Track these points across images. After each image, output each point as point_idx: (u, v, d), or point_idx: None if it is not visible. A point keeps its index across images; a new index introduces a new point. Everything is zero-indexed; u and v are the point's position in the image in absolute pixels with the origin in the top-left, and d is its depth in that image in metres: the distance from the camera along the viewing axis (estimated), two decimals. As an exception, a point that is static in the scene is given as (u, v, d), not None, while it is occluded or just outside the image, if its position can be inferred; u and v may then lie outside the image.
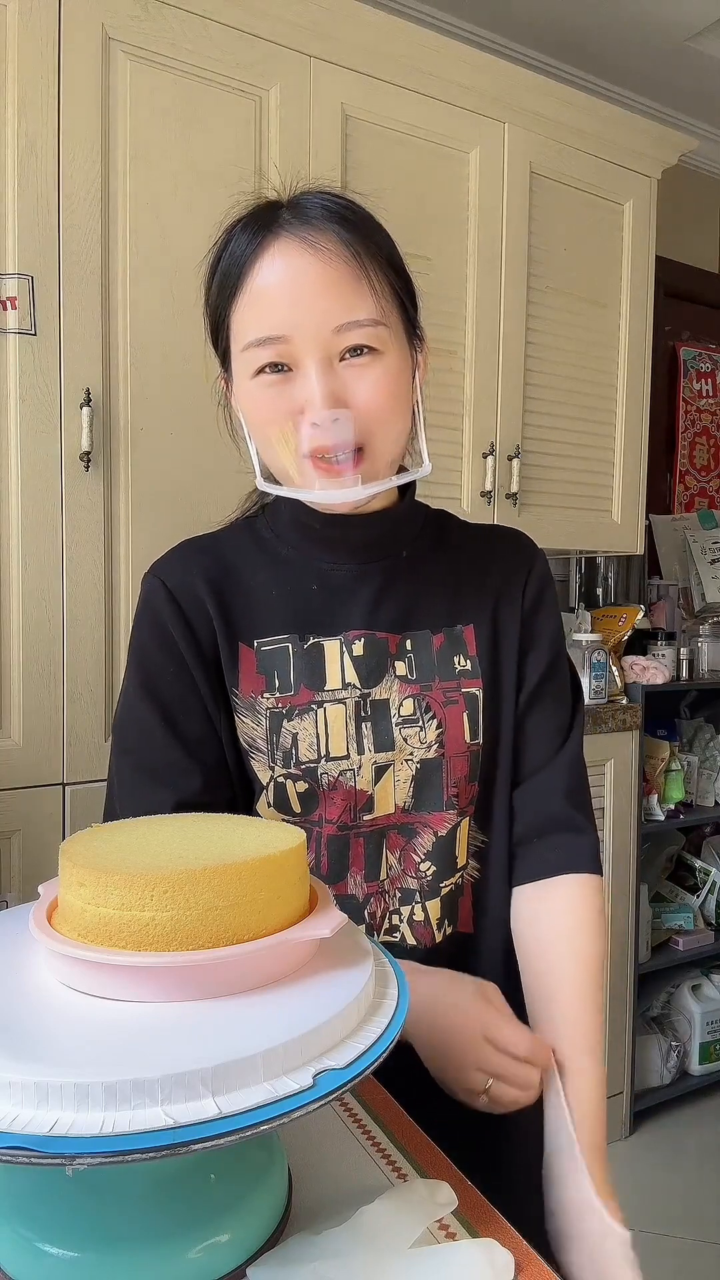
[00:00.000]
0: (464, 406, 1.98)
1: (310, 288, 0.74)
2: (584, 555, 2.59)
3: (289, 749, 0.82)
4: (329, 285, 0.74)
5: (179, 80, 1.57)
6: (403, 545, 0.87)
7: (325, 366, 0.75)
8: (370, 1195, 0.61)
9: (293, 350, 0.75)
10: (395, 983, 0.59)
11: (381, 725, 0.83)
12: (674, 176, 2.40)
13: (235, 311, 0.77)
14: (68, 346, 1.48)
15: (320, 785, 0.82)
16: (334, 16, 1.71)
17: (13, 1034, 0.49)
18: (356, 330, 0.74)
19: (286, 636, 0.83)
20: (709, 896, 2.64)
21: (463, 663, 0.85)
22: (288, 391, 0.76)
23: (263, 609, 0.84)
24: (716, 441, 3.16)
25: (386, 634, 0.84)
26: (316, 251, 0.74)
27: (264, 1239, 0.55)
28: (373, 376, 0.76)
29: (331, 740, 0.82)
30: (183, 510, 1.58)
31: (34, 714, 1.48)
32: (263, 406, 0.77)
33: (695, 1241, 2.01)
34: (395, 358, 0.77)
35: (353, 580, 0.84)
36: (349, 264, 0.74)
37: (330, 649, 0.83)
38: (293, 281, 0.74)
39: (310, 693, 0.82)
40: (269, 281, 0.75)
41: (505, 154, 1.99)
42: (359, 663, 0.83)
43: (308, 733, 0.82)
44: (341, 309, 0.74)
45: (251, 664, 0.83)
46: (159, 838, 0.61)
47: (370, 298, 0.75)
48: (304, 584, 0.85)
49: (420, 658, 0.85)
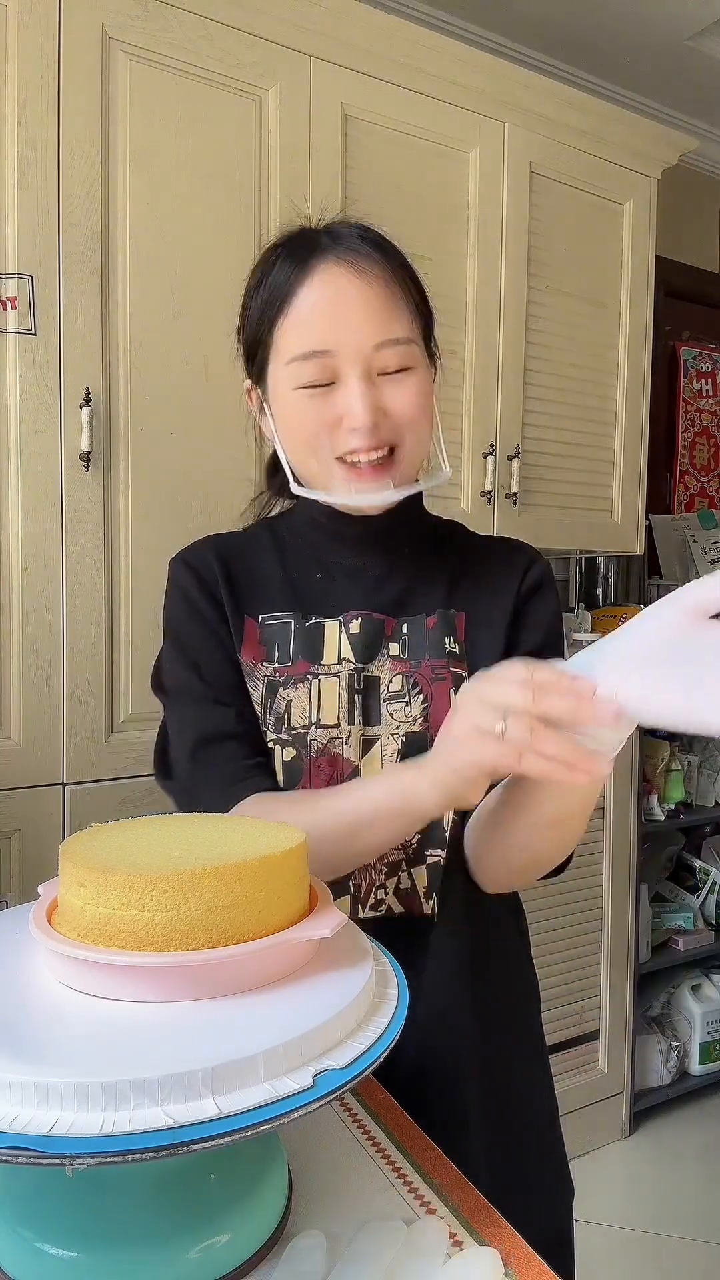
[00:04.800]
0: (464, 406, 1.98)
1: (353, 306, 0.80)
2: (584, 555, 2.59)
3: (282, 714, 0.86)
4: (370, 304, 0.81)
5: (179, 80, 1.57)
6: (404, 543, 0.91)
7: (366, 379, 0.81)
8: (371, 1195, 0.61)
9: (335, 364, 0.81)
10: (395, 983, 0.60)
11: (372, 700, 0.86)
12: (674, 176, 2.40)
13: (279, 329, 0.83)
14: (68, 346, 1.48)
15: (309, 752, 0.85)
16: (334, 16, 1.71)
17: (13, 1034, 0.49)
18: (394, 347, 0.81)
19: (289, 614, 0.89)
20: (709, 896, 2.64)
21: (452, 645, 0.88)
22: (328, 403, 0.82)
23: (268, 589, 0.90)
24: (716, 441, 3.16)
25: (384, 615, 0.89)
26: (359, 274, 0.81)
27: (264, 1239, 0.55)
28: (407, 387, 0.83)
29: (324, 708, 0.86)
30: (183, 510, 1.57)
31: (34, 714, 1.48)
32: (304, 415, 0.83)
33: (695, 1241, 2.01)
34: (423, 371, 0.85)
35: (355, 570, 0.90)
36: (387, 286, 0.82)
37: (330, 629, 0.88)
38: (337, 300, 0.81)
39: (307, 665, 0.87)
40: (314, 301, 0.81)
41: (505, 154, 1.99)
42: (355, 640, 0.87)
43: (301, 700, 0.86)
44: (381, 327, 0.81)
45: (254, 635, 0.89)
46: (159, 838, 0.61)
47: (405, 316, 0.83)
48: (309, 571, 0.91)
49: (413, 638, 0.88)
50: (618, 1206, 2.11)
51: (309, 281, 0.82)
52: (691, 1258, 1.97)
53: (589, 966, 2.25)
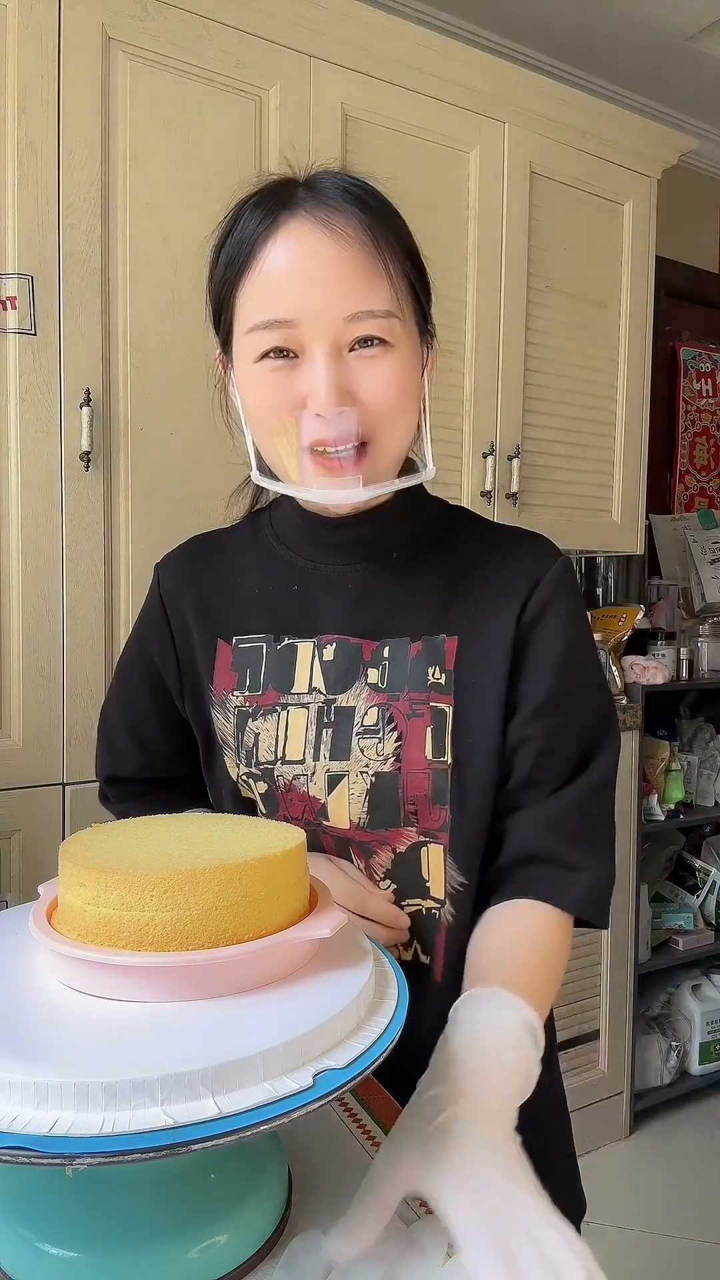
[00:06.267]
0: (464, 406, 1.97)
1: (324, 271, 0.70)
2: (584, 555, 2.59)
3: (251, 748, 0.81)
4: (344, 270, 0.70)
5: (179, 80, 1.57)
6: (393, 547, 0.81)
7: (334, 356, 0.70)
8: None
9: (300, 336, 0.70)
10: (395, 982, 0.59)
11: (342, 733, 0.79)
12: (674, 176, 2.39)
13: (241, 291, 0.73)
14: (68, 346, 1.48)
15: (278, 787, 0.81)
16: (334, 16, 1.71)
17: (13, 1034, 0.49)
18: (369, 320, 0.70)
19: (262, 636, 0.83)
20: (709, 896, 2.64)
21: (437, 675, 0.78)
22: (292, 379, 0.71)
23: (243, 607, 0.84)
24: (716, 441, 3.16)
25: (361, 640, 0.80)
26: (333, 234, 0.70)
27: (264, 1239, 0.55)
28: (382, 369, 0.72)
29: (290, 743, 0.80)
30: (183, 510, 1.57)
31: (34, 714, 1.48)
32: (264, 393, 0.73)
33: (695, 1241, 2.01)
34: (406, 351, 0.73)
35: (334, 581, 0.81)
36: (366, 250, 0.70)
37: (303, 651, 0.81)
38: (305, 263, 0.70)
39: (277, 694, 0.81)
40: (280, 262, 0.70)
41: (505, 154, 1.99)
42: (328, 668, 0.80)
43: (268, 734, 0.81)
44: (355, 297, 0.70)
45: (227, 661, 0.84)
46: (159, 838, 0.61)
47: (386, 287, 0.71)
48: (286, 583, 0.83)
49: (394, 665, 0.79)
50: (618, 1206, 2.11)
51: (275, 239, 0.71)
52: (691, 1258, 1.97)
53: (589, 966, 2.25)
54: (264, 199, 0.73)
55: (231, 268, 0.74)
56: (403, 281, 0.74)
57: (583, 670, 0.81)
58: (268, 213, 0.72)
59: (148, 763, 0.95)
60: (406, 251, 0.75)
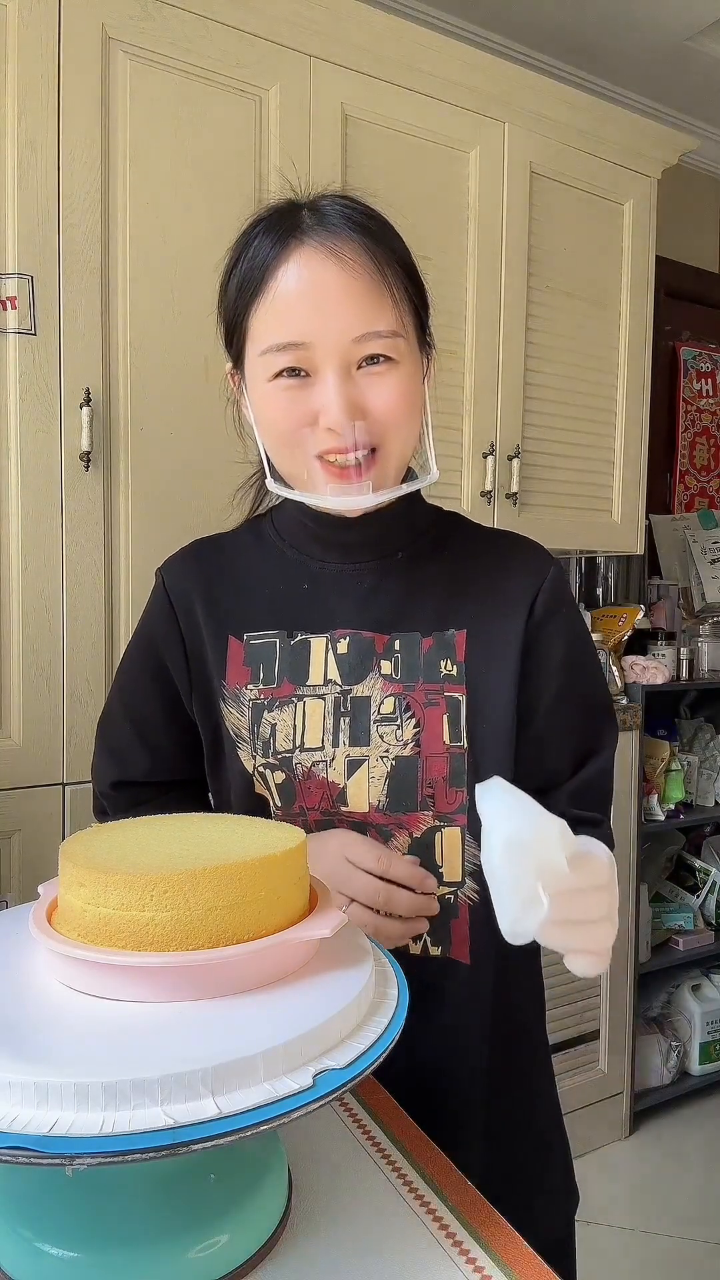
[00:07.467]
0: (464, 406, 1.97)
1: (332, 296, 0.75)
2: (584, 555, 2.59)
3: (268, 738, 0.84)
4: (351, 295, 0.75)
5: (179, 80, 1.57)
6: (398, 547, 0.87)
7: (343, 375, 0.76)
8: (371, 1195, 0.61)
9: (312, 357, 0.76)
10: (395, 982, 0.59)
11: (360, 721, 0.83)
12: (674, 176, 2.40)
13: (255, 314, 0.78)
14: (68, 346, 1.48)
15: (296, 776, 0.84)
16: (334, 16, 1.71)
17: (13, 1034, 0.49)
18: (375, 340, 0.76)
19: (275, 632, 0.86)
20: (709, 896, 2.64)
21: (449, 667, 0.84)
22: (304, 397, 0.77)
23: (254, 605, 0.87)
24: (716, 441, 3.16)
25: (373, 633, 0.85)
26: (340, 260, 0.75)
27: (264, 1239, 0.55)
28: (389, 384, 0.77)
29: (308, 732, 0.84)
30: (183, 510, 1.57)
31: (34, 714, 1.48)
32: (279, 410, 0.78)
33: (695, 1241, 2.01)
34: (410, 365, 0.79)
35: (344, 579, 0.86)
36: (371, 274, 0.76)
37: (316, 646, 0.85)
38: (315, 289, 0.75)
39: (292, 686, 0.85)
40: (291, 288, 0.76)
41: (505, 154, 1.99)
42: (342, 660, 0.84)
43: (285, 723, 0.84)
44: (362, 319, 0.75)
45: (239, 656, 0.86)
46: (159, 838, 0.61)
47: (390, 308, 0.77)
48: (297, 582, 0.87)
49: (406, 658, 0.84)
50: (617, 1206, 2.11)
51: (286, 266, 0.76)
52: (691, 1258, 1.97)
53: (589, 966, 2.24)
54: (272, 225, 0.78)
55: (244, 293, 0.79)
56: (404, 301, 0.79)
57: (586, 666, 0.89)
58: (277, 240, 0.77)
59: (156, 764, 0.95)
60: (406, 269, 0.81)
